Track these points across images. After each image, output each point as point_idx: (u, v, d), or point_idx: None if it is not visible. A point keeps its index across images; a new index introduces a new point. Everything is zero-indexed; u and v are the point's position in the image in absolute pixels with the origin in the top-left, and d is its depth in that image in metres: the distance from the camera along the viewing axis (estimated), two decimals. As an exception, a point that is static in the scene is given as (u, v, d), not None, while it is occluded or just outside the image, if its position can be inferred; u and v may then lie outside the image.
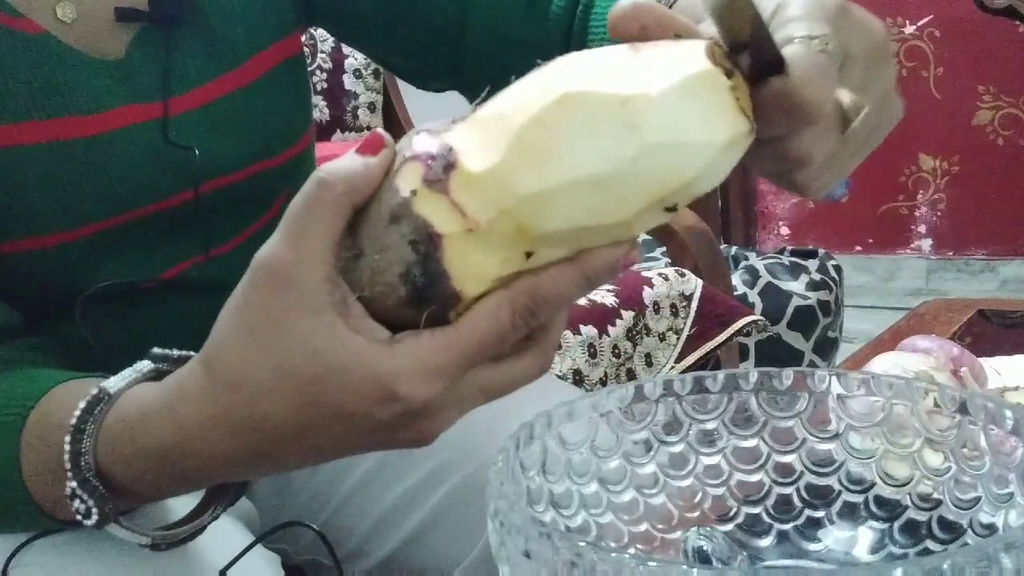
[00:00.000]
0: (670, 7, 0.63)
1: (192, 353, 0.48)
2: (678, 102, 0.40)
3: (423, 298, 0.41)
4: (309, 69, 1.91)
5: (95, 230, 0.65)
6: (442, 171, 0.41)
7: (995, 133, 3.16)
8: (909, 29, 3.22)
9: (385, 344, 0.42)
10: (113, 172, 0.65)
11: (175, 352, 0.50)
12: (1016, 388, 0.83)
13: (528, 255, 0.42)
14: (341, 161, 0.42)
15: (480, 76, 0.78)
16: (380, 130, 0.43)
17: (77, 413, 0.49)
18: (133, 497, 0.51)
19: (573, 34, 0.73)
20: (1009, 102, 3.13)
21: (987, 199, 3.20)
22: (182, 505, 0.56)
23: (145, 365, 0.50)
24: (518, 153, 0.41)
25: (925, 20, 3.19)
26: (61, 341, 0.65)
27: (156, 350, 0.51)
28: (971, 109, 3.18)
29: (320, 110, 1.94)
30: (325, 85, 1.94)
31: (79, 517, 0.49)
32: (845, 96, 0.44)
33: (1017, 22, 2.50)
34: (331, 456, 0.46)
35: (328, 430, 0.43)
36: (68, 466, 0.48)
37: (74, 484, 0.49)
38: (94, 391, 0.49)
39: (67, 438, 0.48)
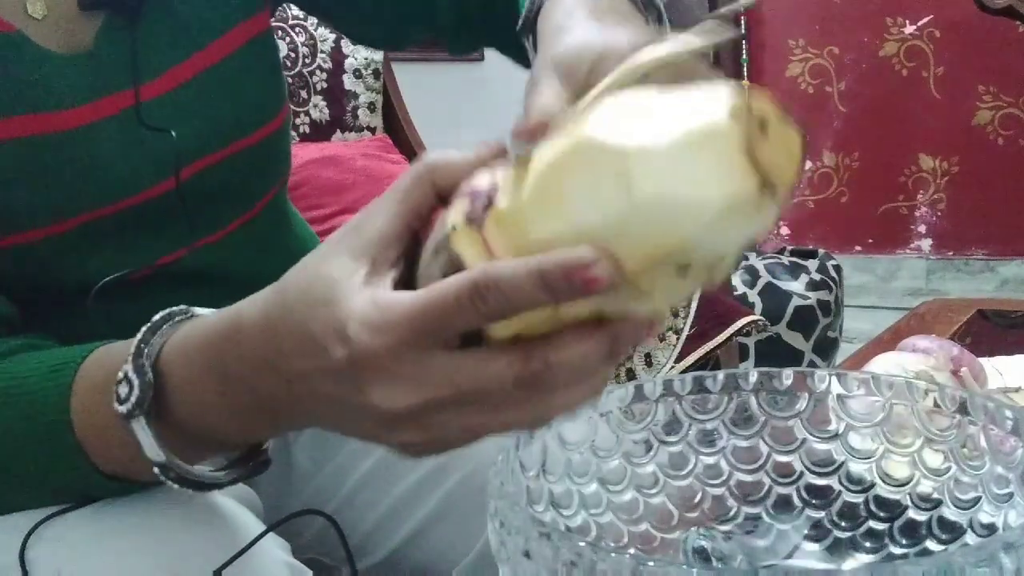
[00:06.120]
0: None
1: None
2: (677, 158, 0.37)
3: None
4: (309, 69, 1.91)
5: (80, 223, 0.66)
6: (481, 209, 0.42)
7: (995, 133, 3.16)
8: (909, 29, 3.22)
9: (363, 286, 0.43)
10: (92, 165, 0.66)
11: None
12: (1017, 389, 0.83)
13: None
14: (451, 150, 0.46)
15: (460, 24, 0.80)
16: (507, 141, 0.45)
17: (161, 313, 0.51)
18: (174, 407, 0.51)
19: None
20: (1009, 102, 3.13)
21: (987, 199, 3.20)
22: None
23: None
24: (537, 197, 0.40)
25: (925, 20, 3.19)
26: (52, 335, 0.65)
27: None
28: (971, 109, 3.17)
29: (320, 110, 1.93)
30: (325, 85, 1.93)
31: (117, 405, 0.50)
32: None
33: (1017, 22, 2.49)
34: (308, 404, 0.45)
35: (297, 353, 0.44)
36: (132, 350, 0.50)
37: (128, 367, 0.50)
38: (181, 306, 0.52)
39: (143, 329, 0.51)
